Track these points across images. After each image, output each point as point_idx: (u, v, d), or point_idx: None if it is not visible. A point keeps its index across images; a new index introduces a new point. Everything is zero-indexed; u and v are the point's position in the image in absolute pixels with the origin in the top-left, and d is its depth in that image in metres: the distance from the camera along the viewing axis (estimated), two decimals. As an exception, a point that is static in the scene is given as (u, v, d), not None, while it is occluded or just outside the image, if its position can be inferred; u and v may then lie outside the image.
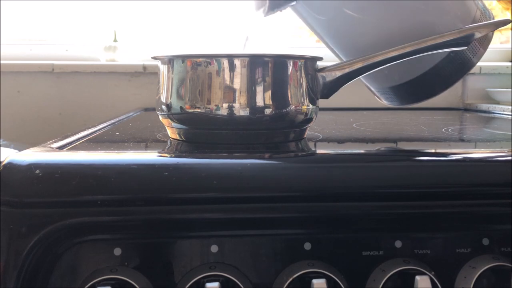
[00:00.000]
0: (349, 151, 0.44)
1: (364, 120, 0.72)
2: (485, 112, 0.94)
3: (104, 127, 0.59)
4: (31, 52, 1.08)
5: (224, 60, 0.41)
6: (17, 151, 0.36)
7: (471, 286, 0.34)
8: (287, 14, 0.52)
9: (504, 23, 0.45)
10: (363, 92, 1.02)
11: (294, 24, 1.18)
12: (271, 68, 0.41)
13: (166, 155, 0.41)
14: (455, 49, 0.45)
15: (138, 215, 0.33)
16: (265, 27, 1.14)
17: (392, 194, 0.35)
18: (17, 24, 1.11)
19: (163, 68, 0.44)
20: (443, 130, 0.60)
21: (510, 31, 1.13)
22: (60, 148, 0.40)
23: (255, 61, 0.41)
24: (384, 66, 0.44)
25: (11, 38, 1.10)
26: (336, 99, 0.50)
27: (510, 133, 0.60)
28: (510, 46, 1.17)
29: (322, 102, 0.46)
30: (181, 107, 0.42)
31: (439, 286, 0.33)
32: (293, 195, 0.34)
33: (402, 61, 0.44)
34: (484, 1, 0.50)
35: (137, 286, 0.32)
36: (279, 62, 0.42)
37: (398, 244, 0.35)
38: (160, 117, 0.45)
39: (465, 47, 0.44)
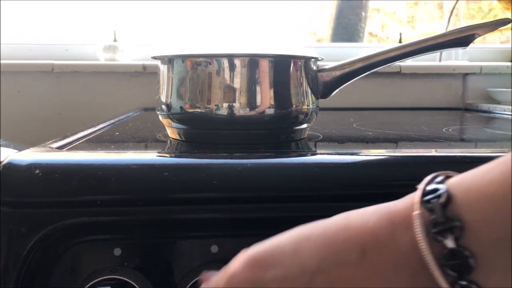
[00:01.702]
0: (349, 151, 0.44)
1: (364, 120, 0.72)
2: (485, 112, 0.94)
3: (104, 127, 0.59)
4: (31, 52, 1.08)
5: (224, 59, 0.41)
6: (17, 151, 0.36)
7: (472, 286, 0.34)
8: (288, 14, 0.52)
9: (504, 23, 0.45)
10: (363, 92, 1.02)
11: (294, 24, 1.18)
12: (272, 68, 0.41)
13: (166, 155, 0.40)
14: (456, 48, 0.45)
15: (138, 215, 0.33)
16: (265, 27, 1.14)
17: (392, 194, 0.35)
18: (17, 24, 1.11)
19: (163, 68, 0.44)
20: (443, 130, 0.60)
21: (510, 31, 1.13)
22: (60, 148, 0.40)
23: (255, 61, 0.41)
24: (384, 66, 0.44)
25: (11, 38, 1.09)
26: (336, 99, 0.49)
27: (511, 133, 0.60)
28: (510, 46, 1.17)
29: (322, 102, 0.46)
30: (181, 107, 0.42)
31: (440, 286, 0.33)
32: (293, 195, 0.34)
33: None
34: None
35: (137, 286, 0.32)
36: (279, 61, 0.42)
37: (398, 244, 0.35)
38: (160, 117, 0.45)
39: (466, 47, 0.44)
